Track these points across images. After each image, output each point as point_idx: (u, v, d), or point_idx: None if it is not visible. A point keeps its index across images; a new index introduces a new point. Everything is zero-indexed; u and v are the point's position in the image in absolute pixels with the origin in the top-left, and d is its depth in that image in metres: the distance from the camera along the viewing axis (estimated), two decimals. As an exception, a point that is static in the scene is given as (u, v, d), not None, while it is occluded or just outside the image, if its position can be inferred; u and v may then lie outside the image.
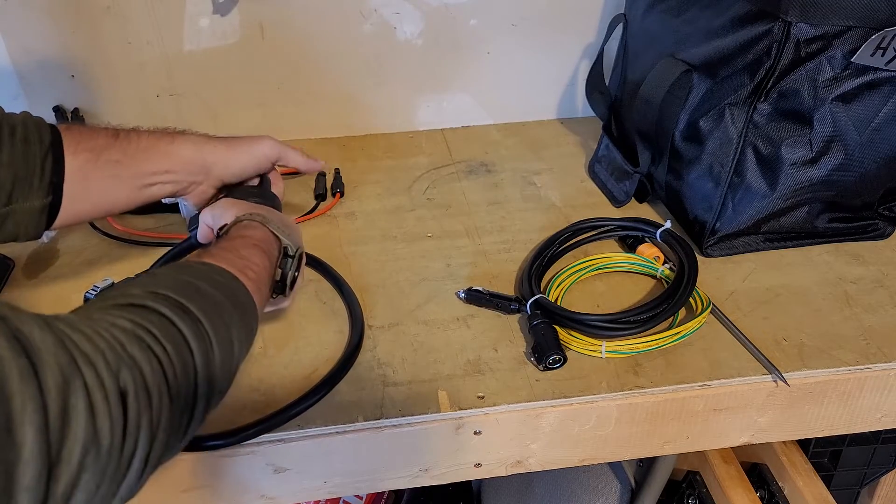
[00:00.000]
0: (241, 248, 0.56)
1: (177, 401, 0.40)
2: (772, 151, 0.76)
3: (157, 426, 0.37)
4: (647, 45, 0.90)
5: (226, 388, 0.48)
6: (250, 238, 0.58)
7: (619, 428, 0.66)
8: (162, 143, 0.66)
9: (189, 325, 0.42)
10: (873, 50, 0.68)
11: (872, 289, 0.77)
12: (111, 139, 0.63)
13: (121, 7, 0.95)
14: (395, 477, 0.66)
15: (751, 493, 0.91)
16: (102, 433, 0.33)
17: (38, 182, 0.58)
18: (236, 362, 0.48)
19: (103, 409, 0.33)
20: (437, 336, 0.71)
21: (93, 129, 0.64)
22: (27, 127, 0.59)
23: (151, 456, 0.37)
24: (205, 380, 0.42)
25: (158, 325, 0.40)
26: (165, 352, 0.40)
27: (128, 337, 0.38)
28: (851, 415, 0.70)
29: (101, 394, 0.34)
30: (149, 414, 0.37)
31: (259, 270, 0.55)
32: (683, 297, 0.72)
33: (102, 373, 0.34)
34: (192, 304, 0.44)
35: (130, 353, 0.37)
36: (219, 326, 0.45)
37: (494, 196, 0.95)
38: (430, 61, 1.06)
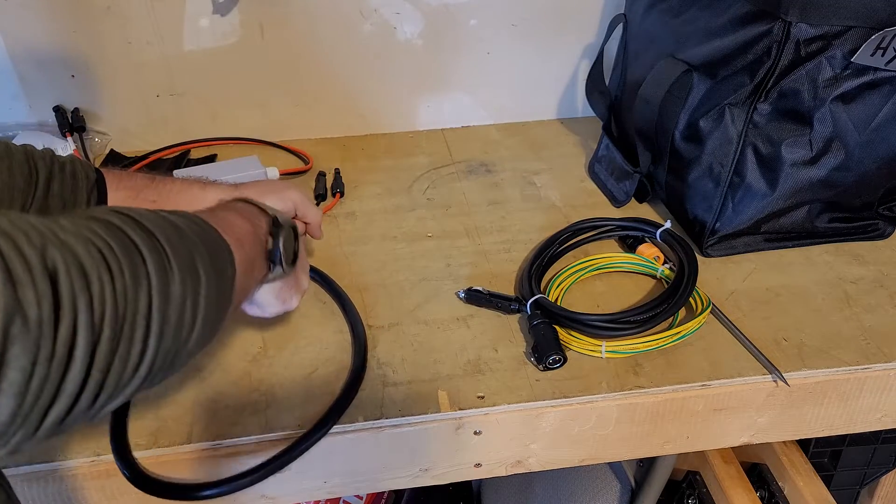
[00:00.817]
0: (220, 210, 0.54)
1: (124, 300, 0.35)
2: (772, 151, 0.76)
3: (99, 317, 0.33)
4: (647, 45, 0.90)
5: (193, 333, 0.41)
6: (232, 207, 0.56)
7: (619, 428, 0.66)
8: (194, 189, 0.70)
9: (140, 234, 0.38)
10: (873, 50, 0.68)
11: (872, 289, 0.77)
12: (148, 181, 0.68)
13: (121, 7, 0.95)
14: (395, 477, 0.66)
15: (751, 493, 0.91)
16: (27, 302, 0.30)
17: None
18: (205, 302, 0.41)
19: (25, 279, 0.30)
20: (437, 336, 0.71)
21: (131, 172, 0.69)
22: (75, 164, 0.64)
23: (98, 354, 0.33)
24: (161, 290, 0.37)
25: (104, 227, 0.37)
26: (109, 246, 0.35)
27: (64, 230, 0.34)
28: (851, 415, 0.70)
29: (22, 264, 0.30)
30: (87, 296, 0.32)
31: (239, 230, 0.51)
32: (683, 297, 0.72)
33: (23, 246, 0.31)
34: (146, 221, 0.40)
35: (62, 239, 0.33)
36: (177, 247, 0.40)
37: (494, 196, 0.95)
38: (430, 61, 1.06)
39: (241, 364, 0.67)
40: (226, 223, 0.50)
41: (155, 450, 0.59)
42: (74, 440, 0.59)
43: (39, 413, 0.31)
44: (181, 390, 0.64)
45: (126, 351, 0.35)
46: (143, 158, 1.03)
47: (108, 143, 1.05)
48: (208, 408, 0.63)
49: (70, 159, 0.64)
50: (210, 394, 0.64)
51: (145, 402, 0.63)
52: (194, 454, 0.60)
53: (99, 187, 0.64)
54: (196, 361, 0.67)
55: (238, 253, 0.48)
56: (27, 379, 0.30)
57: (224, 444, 0.60)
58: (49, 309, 0.31)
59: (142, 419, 0.61)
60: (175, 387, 0.65)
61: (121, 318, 0.34)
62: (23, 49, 0.97)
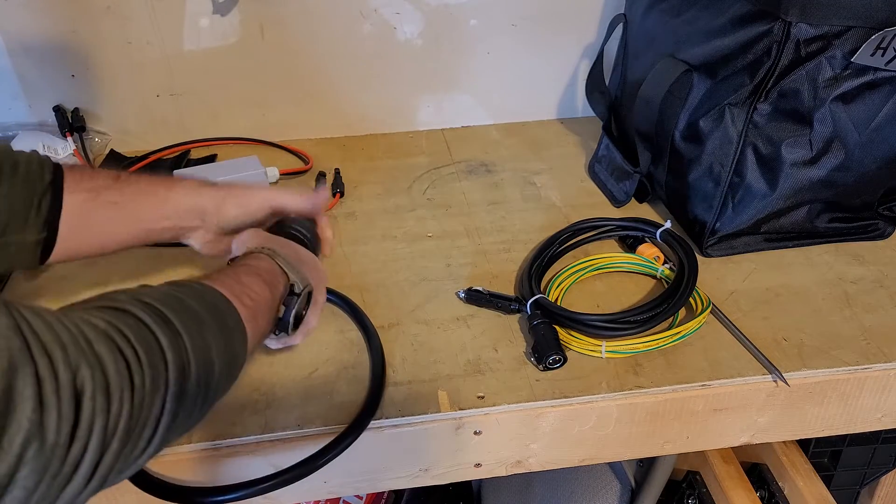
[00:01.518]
0: (242, 274, 0.55)
1: (140, 411, 0.37)
2: (772, 151, 0.76)
3: (111, 434, 0.35)
4: (647, 45, 0.90)
5: (198, 414, 0.44)
6: (254, 267, 0.57)
7: (619, 428, 0.66)
8: (160, 189, 0.66)
9: (167, 335, 0.40)
10: (873, 50, 0.68)
11: (872, 289, 0.77)
12: (111, 181, 0.64)
13: (121, 7, 0.95)
14: (395, 477, 0.66)
15: (751, 493, 0.91)
16: (48, 427, 0.31)
17: (34, 218, 0.59)
18: (215, 386, 0.45)
19: (52, 402, 0.32)
20: (437, 336, 0.71)
21: (95, 171, 0.66)
22: (30, 165, 0.61)
23: (101, 465, 0.35)
24: (176, 394, 0.40)
25: (134, 329, 0.39)
26: (136, 356, 0.38)
27: (97, 334, 0.36)
28: (851, 415, 0.70)
29: (53, 386, 0.32)
30: (104, 418, 0.34)
31: (257, 299, 0.53)
32: (683, 297, 0.72)
33: (59, 365, 0.33)
34: (174, 315, 0.42)
35: (96, 351, 0.35)
36: (198, 343, 0.43)
37: (494, 196, 0.95)
38: (430, 61, 1.06)
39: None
40: (246, 292, 0.52)
41: (155, 450, 0.59)
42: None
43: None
44: (181, 390, 0.64)
45: (131, 450, 0.37)
46: (143, 158, 1.03)
47: (108, 143, 1.05)
48: (208, 408, 0.63)
49: (27, 158, 0.61)
50: (210, 394, 0.64)
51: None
52: (194, 454, 0.60)
53: (55, 189, 0.60)
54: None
55: (251, 330, 0.51)
56: (28, 496, 0.31)
57: (224, 444, 0.60)
58: (67, 434, 0.32)
59: (142, 419, 0.61)
60: (175, 387, 0.65)
61: (132, 427, 0.37)
62: (23, 49, 0.97)
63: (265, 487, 0.57)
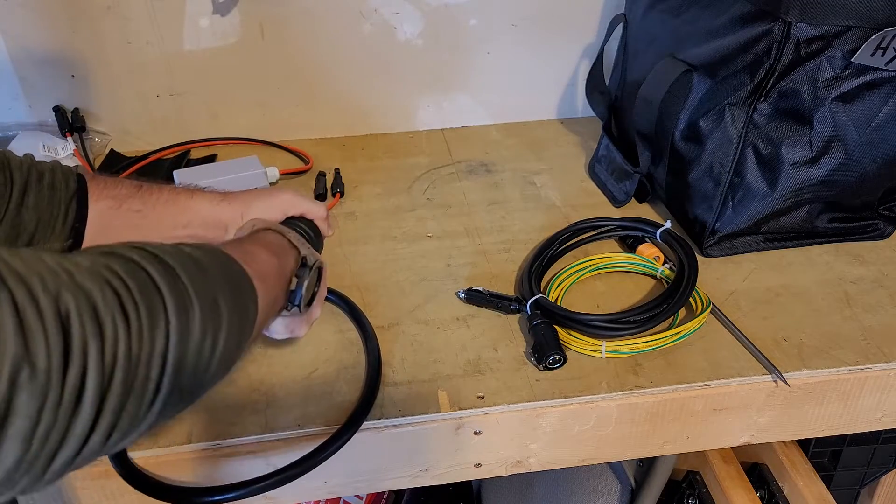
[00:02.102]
0: (247, 243, 0.55)
1: (139, 344, 0.35)
2: (772, 151, 0.76)
3: (111, 362, 0.33)
4: (647, 45, 0.90)
5: (214, 367, 0.41)
6: (261, 239, 0.57)
7: (619, 428, 0.66)
8: (181, 198, 0.67)
9: (162, 274, 0.38)
10: (873, 50, 0.68)
11: (872, 289, 0.77)
12: (134, 189, 0.65)
13: (121, 7, 0.95)
14: (395, 477, 0.66)
15: (751, 493, 0.91)
16: (36, 353, 0.30)
17: (61, 226, 0.60)
18: (226, 336, 0.41)
19: (36, 326, 0.30)
20: (437, 336, 0.71)
21: (117, 180, 0.66)
22: (55, 174, 0.61)
23: (108, 399, 0.33)
24: (179, 331, 0.37)
25: (124, 266, 0.36)
26: (126, 288, 0.35)
27: (80, 270, 0.34)
28: (851, 415, 0.70)
29: (34, 311, 0.30)
30: (98, 343, 0.32)
31: (264, 266, 0.52)
32: (683, 297, 0.72)
33: (37, 292, 0.31)
34: (170, 257, 0.39)
35: (78, 282, 0.33)
36: (199, 285, 0.40)
37: (494, 196, 0.95)
38: (430, 61, 1.06)
39: (241, 364, 0.67)
40: (252, 258, 0.50)
41: (155, 450, 0.59)
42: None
43: (47, 458, 0.31)
44: (181, 390, 0.64)
45: (141, 390, 0.35)
46: (143, 158, 1.03)
47: (108, 143, 1.05)
48: (208, 408, 0.63)
49: (51, 167, 0.61)
50: (210, 394, 0.63)
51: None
52: (194, 454, 0.60)
53: (80, 197, 0.61)
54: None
55: (261, 290, 0.49)
56: (33, 426, 0.30)
57: (224, 444, 0.60)
58: (59, 357, 0.31)
59: (142, 419, 0.61)
60: (175, 387, 0.65)
61: (135, 359, 0.34)
62: (23, 49, 0.97)
63: (262, 487, 0.57)
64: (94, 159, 1.02)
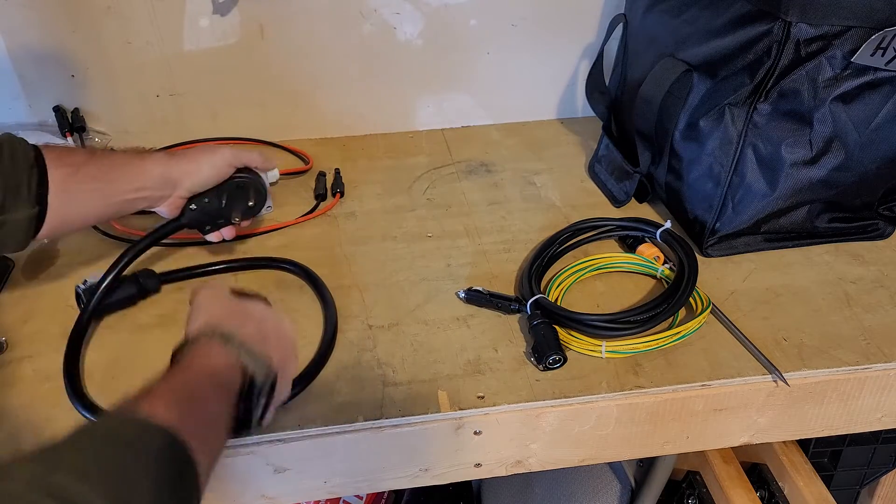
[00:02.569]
0: (193, 383, 0.49)
1: None
2: (772, 151, 0.76)
3: None
4: (647, 45, 0.90)
5: None
6: (207, 371, 0.50)
7: (620, 428, 0.66)
8: (135, 161, 0.71)
9: None
10: (873, 50, 0.68)
11: (872, 289, 0.77)
12: (88, 156, 0.69)
13: (121, 7, 0.95)
14: (395, 477, 0.66)
15: (751, 493, 0.91)
16: None
17: (27, 193, 0.63)
18: None
19: None
20: (437, 336, 0.71)
21: (70, 148, 0.71)
22: (14, 145, 0.65)
23: None
24: None
25: None
26: None
27: None
28: (851, 415, 0.70)
29: None
30: None
31: (210, 422, 0.48)
32: (683, 297, 0.72)
33: None
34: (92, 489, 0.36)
35: None
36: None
37: (494, 196, 0.95)
38: (430, 61, 1.06)
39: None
40: (195, 410, 0.46)
41: (155, 450, 0.59)
42: (74, 440, 0.59)
43: None
44: (181, 390, 0.64)
45: None
46: (143, 158, 1.03)
47: (108, 143, 1.05)
48: (208, 408, 0.63)
49: (8, 139, 0.65)
50: (210, 394, 0.64)
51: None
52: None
53: (38, 165, 0.64)
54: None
55: (202, 453, 0.44)
56: None
57: (224, 444, 0.60)
58: None
59: (142, 419, 0.61)
60: (175, 387, 0.65)
61: None
62: (23, 49, 0.97)
63: None
64: (94, 159, 1.01)
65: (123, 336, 0.72)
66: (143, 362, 0.68)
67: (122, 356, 0.69)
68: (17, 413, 0.63)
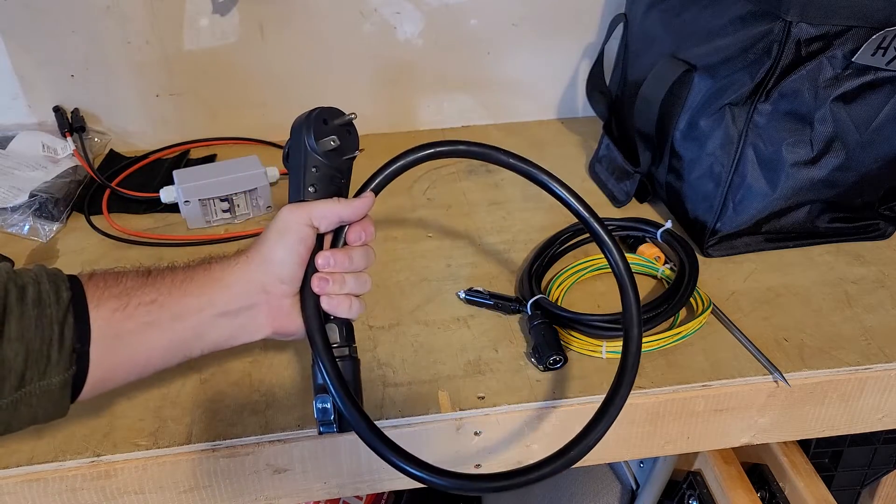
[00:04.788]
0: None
1: None
2: (772, 151, 0.75)
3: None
4: (648, 45, 0.90)
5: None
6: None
7: (620, 428, 0.66)
8: (198, 273, 0.54)
9: None
10: (874, 50, 0.68)
11: (873, 289, 0.77)
12: (142, 279, 0.52)
13: (121, 7, 0.95)
14: (395, 477, 0.66)
15: (751, 493, 0.91)
16: None
17: (57, 354, 0.47)
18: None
19: None
20: (438, 336, 0.71)
21: (118, 272, 0.52)
22: (40, 284, 0.48)
23: None
24: None
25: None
26: None
27: None
28: (852, 415, 0.70)
29: None
30: None
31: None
32: (684, 297, 0.72)
33: None
34: None
35: None
36: None
37: (494, 196, 0.95)
38: (429, 61, 1.06)
39: (241, 365, 0.67)
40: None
41: (155, 450, 0.59)
42: (75, 440, 0.59)
43: None
44: (181, 391, 0.64)
45: None
46: (143, 158, 1.03)
47: (107, 143, 1.05)
48: (208, 408, 0.63)
49: (34, 277, 0.48)
50: (210, 394, 0.64)
51: (145, 403, 0.63)
52: (194, 454, 0.60)
53: (76, 308, 0.48)
54: (195, 363, 0.67)
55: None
56: None
57: (224, 444, 0.60)
58: None
59: (142, 419, 0.61)
60: (175, 388, 0.65)
61: None
62: (23, 49, 0.97)
63: None
64: (94, 159, 1.01)
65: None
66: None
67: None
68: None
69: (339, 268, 0.55)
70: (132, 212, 0.92)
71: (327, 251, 0.56)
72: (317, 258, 0.55)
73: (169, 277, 0.52)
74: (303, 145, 0.58)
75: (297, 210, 0.55)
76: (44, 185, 0.90)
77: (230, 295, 0.53)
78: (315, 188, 0.57)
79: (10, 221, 0.86)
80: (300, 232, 0.54)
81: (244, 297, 0.53)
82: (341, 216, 0.56)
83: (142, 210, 0.92)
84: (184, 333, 0.52)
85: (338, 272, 0.55)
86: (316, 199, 0.56)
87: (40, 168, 0.93)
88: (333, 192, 0.58)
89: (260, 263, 0.54)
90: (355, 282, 0.56)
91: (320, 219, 0.55)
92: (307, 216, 0.55)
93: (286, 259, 0.54)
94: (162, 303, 0.51)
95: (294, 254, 0.54)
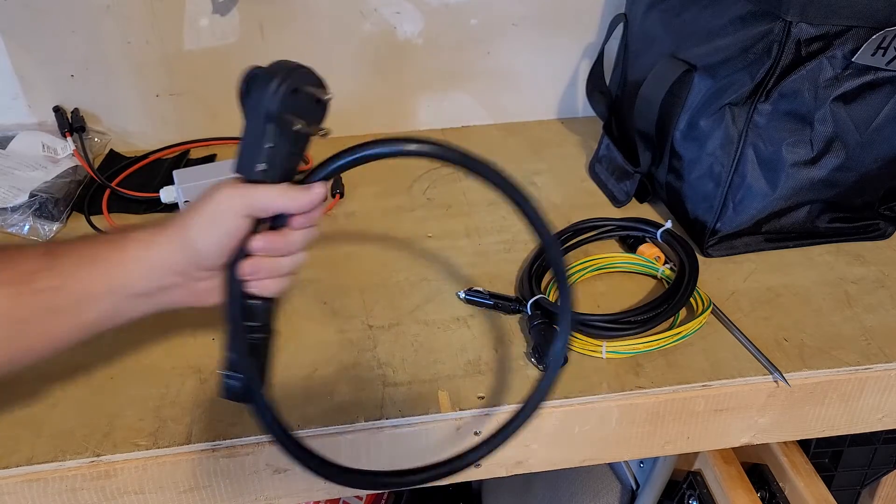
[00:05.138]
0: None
1: None
2: (772, 151, 0.75)
3: None
4: (648, 44, 0.90)
5: None
6: None
7: (620, 428, 0.66)
8: (110, 252, 0.49)
9: None
10: (874, 50, 0.68)
11: (873, 289, 0.77)
12: (41, 259, 0.47)
13: (121, 7, 0.95)
14: (396, 477, 0.66)
15: (751, 493, 0.91)
16: None
17: None
18: None
19: None
20: (438, 336, 0.71)
21: (14, 251, 0.47)
22: None
23: None
24: None
25: None
26: None
27: None
28: (852, 415, 0.70)
29: None
30: None
31: None
32: (684, 297, 0.72)
33: None
34: None
35: None
36: None
37: (494, 196, 0.94)
38: (429, 61, 1.06)
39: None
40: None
41: (155, 450, 0.59)
42: (75, 440, 0.59)
43: None
44: (181, 391, 0.64)
45: None
46: (143, 158, 1.03)
47: (107, 143, 1.05)
48: (208, 408, 0.63)
49: None
50: (210, 394, 0.64)
51: (144, 403, 0.63)
52: (193, 454, 0.60)
53: None
54: (195, 363, 0.67)
55: None
56: None
57: (224, 444, 0.60)
58: None
59: (142, 419, 0.61)
60: (175, 387, 0.65)
61: None
62: (23, 49, 0.96)
63: None
64: (94, 159, 1.01)
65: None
66: (143, 362, 0.68)
67: (121, 356, 0.69)
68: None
69: (275, 252, 0.51)
70: (132, 212, 0.92)
71: (265, 236, 0.50)
72: (252, 242, 0.50)
73: (76, 256, 0.48)
74: (263, 112, 0.52)
75: (235, 196, 0.49)
76: (44, 185, 0.90)
77: (147, 279, 0.50)
78: (266, 167, 0.50)
79: (10, 221, 0.86)
80: (234, 222, 0.49)
81: (161, 279, 0.50)
82: (287, 209, 0.51)
83: (142, 210, 0.92)
84: (95, 315, 0.49)
85: (274, 256, 0.51)
86: (262, 182, 0.50)
87: (40, 168, 0.93)
88: (283, 175, 0.52)
89: (182, 247, 0.50)
90: (290, 264, 0.52)
91: (261, 211, 0.50)
92: (247, 206, 0.49)
93: (212, 251, 0.49)
94: (66, 288, 0.47)
95: (221, 246, 0.50)
